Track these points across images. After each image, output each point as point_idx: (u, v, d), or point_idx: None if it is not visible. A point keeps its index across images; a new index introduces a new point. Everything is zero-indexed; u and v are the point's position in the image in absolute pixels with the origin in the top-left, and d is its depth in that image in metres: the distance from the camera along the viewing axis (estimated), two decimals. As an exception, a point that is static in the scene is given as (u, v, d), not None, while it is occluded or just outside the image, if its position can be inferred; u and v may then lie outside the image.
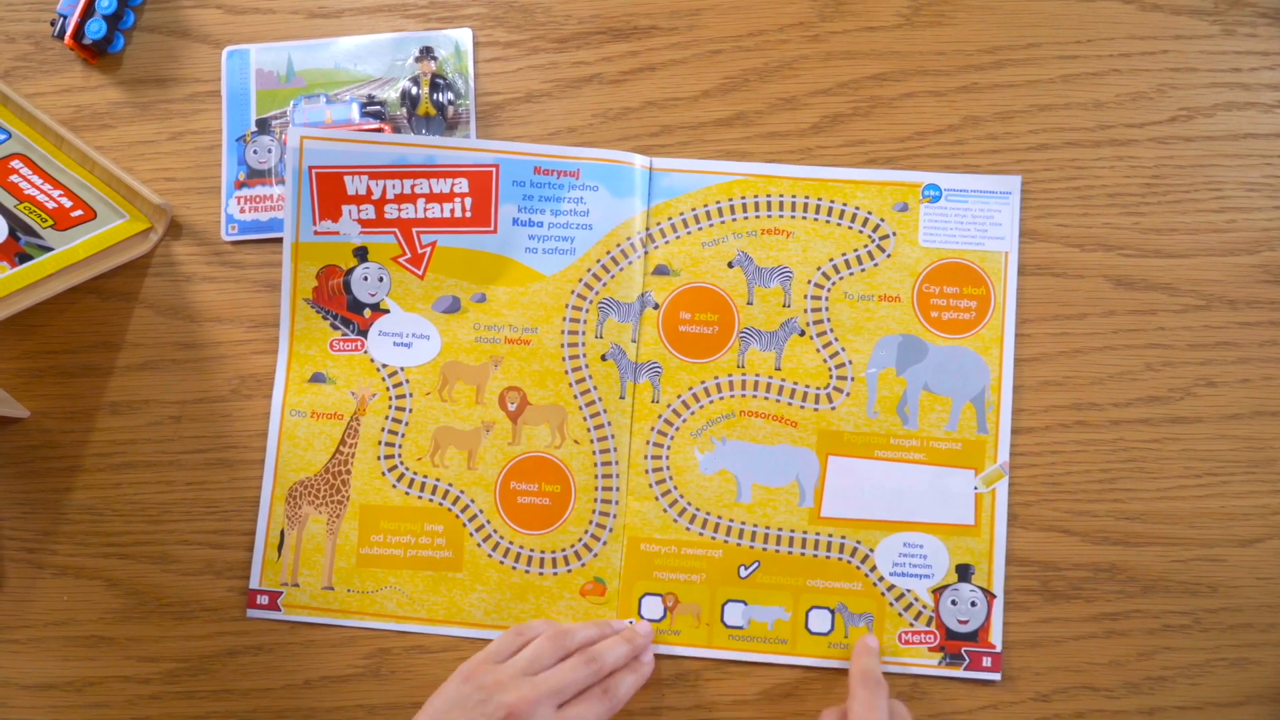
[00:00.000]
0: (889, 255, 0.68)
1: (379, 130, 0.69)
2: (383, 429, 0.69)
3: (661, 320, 0.69)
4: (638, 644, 0.65)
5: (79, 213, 0.67)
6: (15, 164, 0.68)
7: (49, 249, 0.65)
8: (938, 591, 0.66)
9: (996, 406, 0.67)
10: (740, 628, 0.66)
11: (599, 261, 0.69)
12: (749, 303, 0.69)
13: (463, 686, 0.61)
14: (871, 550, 0.67)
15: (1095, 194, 0.68)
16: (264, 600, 0.68)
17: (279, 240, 0.70)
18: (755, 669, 0.66)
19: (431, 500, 0.68)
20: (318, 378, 0.69)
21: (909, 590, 0.66)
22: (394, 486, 0.68)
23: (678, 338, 0.69)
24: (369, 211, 0.69)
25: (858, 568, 0.67)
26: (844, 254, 0.69)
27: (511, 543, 0.68)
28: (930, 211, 0.68)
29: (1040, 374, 0.67)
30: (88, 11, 0.71)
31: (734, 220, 0.69)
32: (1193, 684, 0.65)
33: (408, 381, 0.69)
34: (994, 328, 0.67)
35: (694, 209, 0.69)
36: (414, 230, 0.69)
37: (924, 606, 0.66)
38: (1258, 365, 0.67)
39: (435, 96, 0.70)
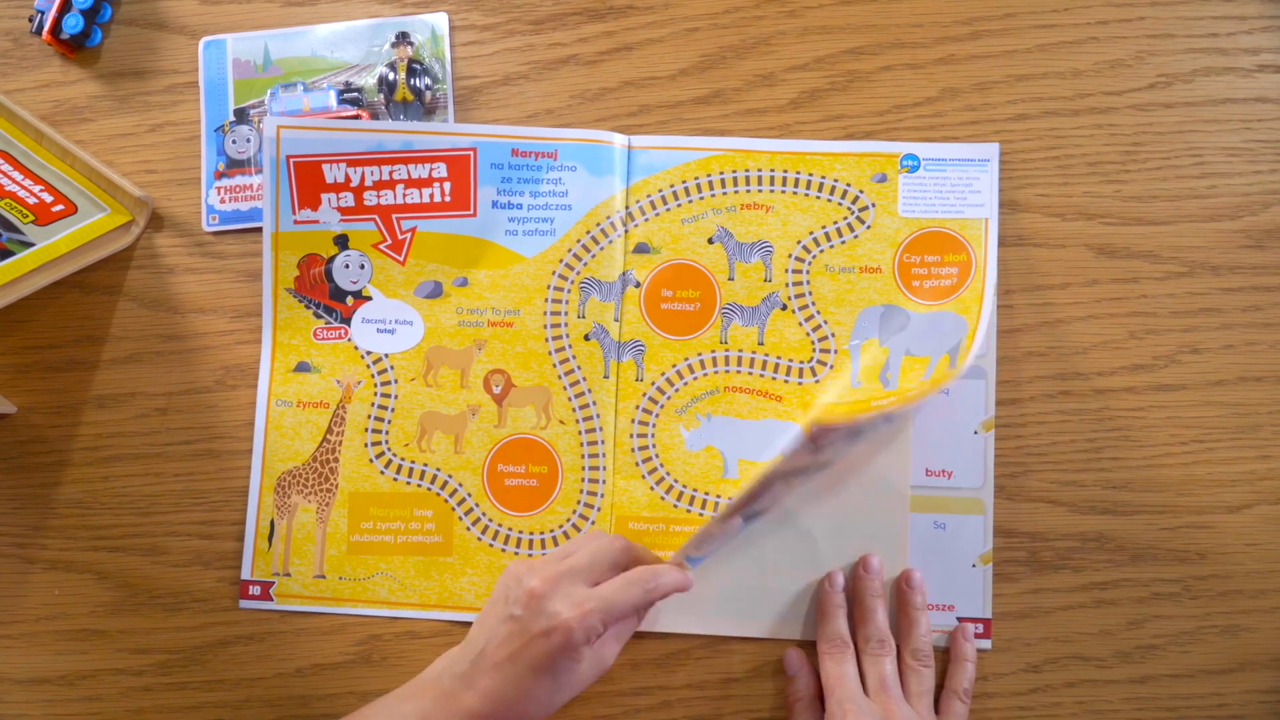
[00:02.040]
0: (869, 226, 0.68)
1: (356, 117, 0.69)
2: (369, 416, 0.69)
3: (643, 299, 0.69)
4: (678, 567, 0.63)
5: (60, 207, 0.67)
6: (-5, 160, 0.68)
7: (30, 244, 0.65)
8: (925, 562, 0.66)
9: (965, 353, 0.66)
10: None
11: (579, 241, 0.69)
12: (730, 278, 0.69)
13: (501, 581, 0.61)
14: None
15: (1075, 163, 0.68)
16: (256, 591, 0.68)
17: (260, 230, 0.70)
18: (746, 646, 0.66)
19: (420, 486, 0.68)
20: (302, 367, 0.69)
21: (896, 562, 0.66)
22: (382, 473, 0.68)
23: (660, 315, 0.69)
24: (348, 199, 0.69)
25: (844, 541, 0.67)
26: (824, 226, 0.68)
27: (500, 525, 0.68)
28: (909, 181, 0.68)
29: (1024, 345, 0.67)
30: (65, 6, 0.71)
31: (713, 196, 0.69)
32: (1184, 651, 0.65)
33: (392, 368, 0.69)
34: (974, 289, 0.67)
35: (672, 185, 0.69)
36: (393, 216, 0.69)
37: (911, 577, 0.66)
38: (1241, 331, 0.67)
39: (412, 82, 0.70)
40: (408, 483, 0.68)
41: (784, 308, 0.68)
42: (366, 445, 0.69)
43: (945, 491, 0.66)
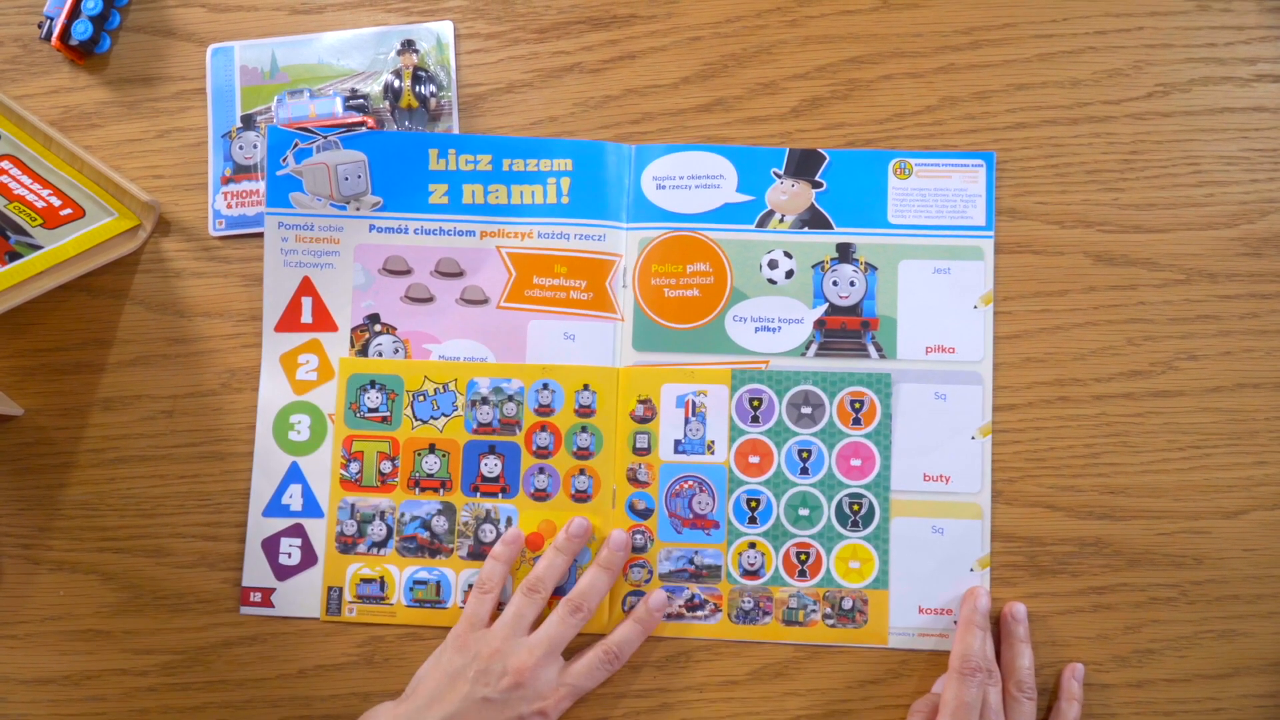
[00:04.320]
0: None
1: (361, 124, 0.69)
2: None
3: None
4: (616, 564, 0.66)
5: (68, 211, 0.68)
6: (4, 165, 0.68)
7: (38, 247, 0.65)
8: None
9: None
10: None
11: None
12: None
13: (457, 656, 0.62)
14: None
15: (1074, 171, 0.69)
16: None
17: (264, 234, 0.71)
18: (745, 649, 0.67)
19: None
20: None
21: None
22: None
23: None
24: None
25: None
26: None
27: None
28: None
29: (1022, 350, 0.68)
30: (74, 13, 0.72)
31: None
32: (1180, 656, 0.65)
33: None
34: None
35: None
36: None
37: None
38: (1239, 338, 0.67)
39: (418, 89, 0.71)
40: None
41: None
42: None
43: (943, 496, 0.67)
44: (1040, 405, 0.67)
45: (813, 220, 0.69)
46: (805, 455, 0.67)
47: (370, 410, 0.69)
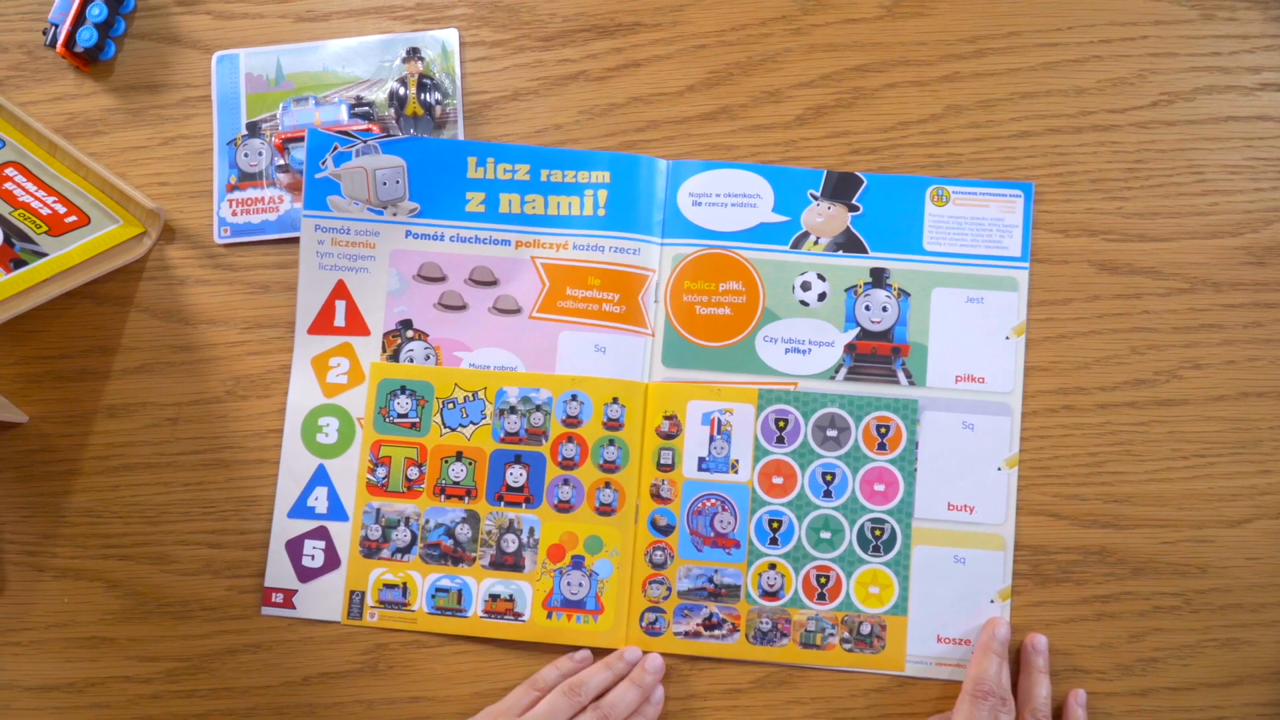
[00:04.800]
0: None
1: (366, 130, 0.70)
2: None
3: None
4: (646, 684, 0.65)
5: (73, 218, 0.68)
6: (10, 172, 0.68)
7: (44, 255, 0.65)
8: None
9: None
10: None
11: None
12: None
13: None
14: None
15: (1078, 180, 0.69)
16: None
17: (270, 242, 0.71)
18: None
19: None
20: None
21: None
22: None
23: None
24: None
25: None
26: None
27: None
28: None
29: (1027, 360, 0.68)
30: (79, 20, 0.72)
31: None
32: (1184, 665, 0.65)
33: None
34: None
35: None
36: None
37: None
38: (1242, 346, 0.67)
39: (423, 97, 0.71)
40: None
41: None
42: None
43: (966, 526, 0.66)
44: (1044, 414, 0.67)
45: (847, 244, 0.69)
46: (829, 478, 0.67)
47: (400, 415, 0.69)
